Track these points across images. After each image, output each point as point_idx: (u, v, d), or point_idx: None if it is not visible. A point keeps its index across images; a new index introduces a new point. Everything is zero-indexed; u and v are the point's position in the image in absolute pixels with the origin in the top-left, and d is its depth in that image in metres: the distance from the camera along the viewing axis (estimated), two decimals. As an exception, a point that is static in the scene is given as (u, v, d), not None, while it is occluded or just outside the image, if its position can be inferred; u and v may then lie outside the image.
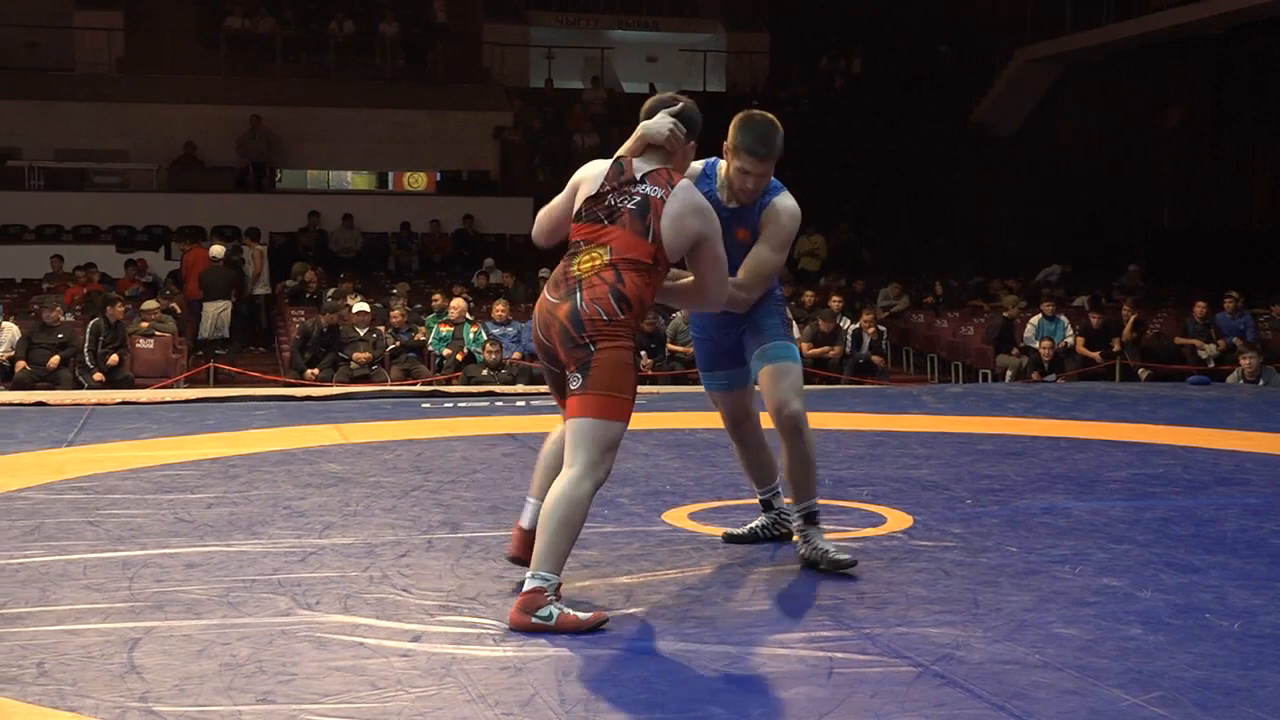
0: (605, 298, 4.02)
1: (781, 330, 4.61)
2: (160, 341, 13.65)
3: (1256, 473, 6.72)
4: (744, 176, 4.38)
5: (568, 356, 4.05)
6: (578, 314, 4.02)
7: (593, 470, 3.98)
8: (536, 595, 3.85)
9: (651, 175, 4.16)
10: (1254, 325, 15.18)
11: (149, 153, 21.27)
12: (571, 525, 3.94)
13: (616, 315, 4.02)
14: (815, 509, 4.64)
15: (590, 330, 4.01)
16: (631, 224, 4.08)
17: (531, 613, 3.83)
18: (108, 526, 5.24)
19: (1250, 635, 3.79)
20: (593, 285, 4.05)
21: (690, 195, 4.15)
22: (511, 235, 21.06)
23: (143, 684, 3.34)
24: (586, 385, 4.00)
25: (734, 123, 4.39)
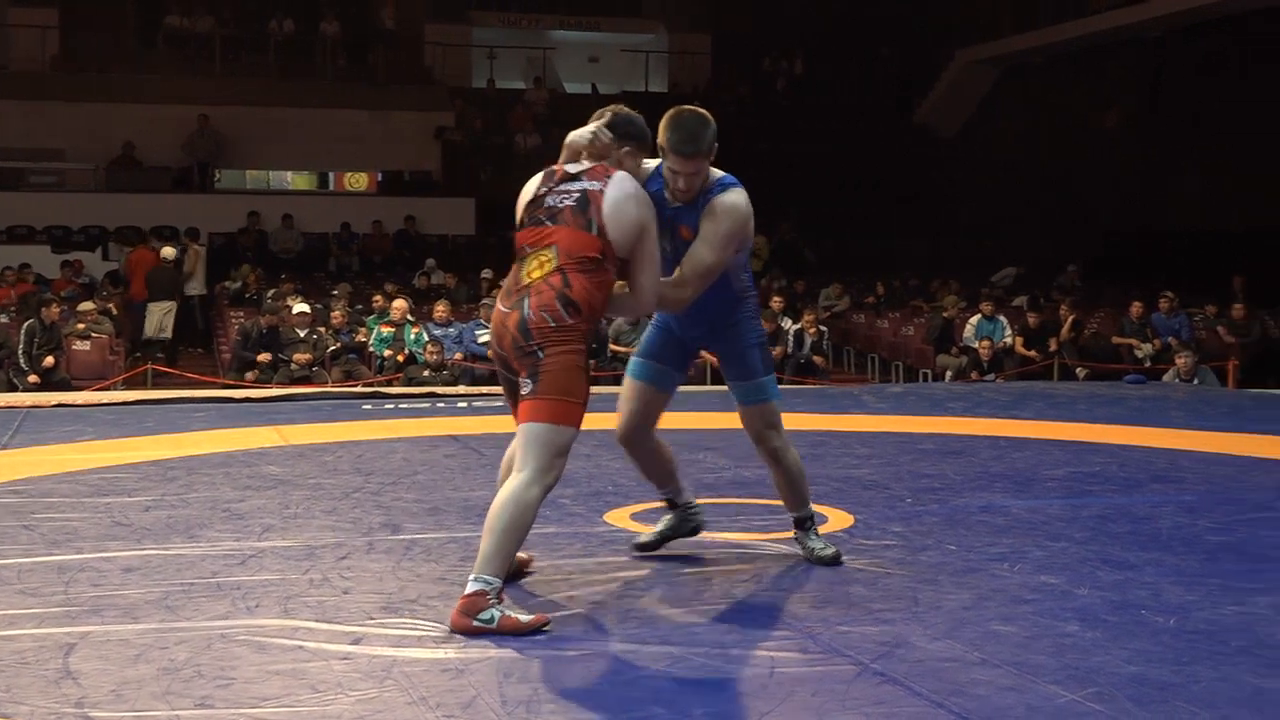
0: (552, 303, 4.00)
1: (761, 364, 4.58)
2: (97, 343, 13.50)
3: (1191, 470, 6.80)
4: (674, 176, 4.30)
5: (519, 364, 4.04)
6: (525, 322, 4.01)
7: (542, 475, 3.97)
8: (478, 598, 3.84)
9: (588, 172, 4.15)
10: (1189, 325, 15.38)
11: (86, 152, 21.03)
12: (518, 529, 3.93)
13: (564, 320, 3.99)
14: (807, 515, 4.75)
15: (538, 337, 3.99)
16: (574, 220, 4.06)
17: (473, 615, 3.81)
18: (43, 530, 5.17)
19: (1185, 631, 3.84)
20: (540, 292, 4.02)
21: (627, 183, 4.13)
22: (453, 236, 20.99)
23: (79, 689, 3.30)
24: (536, 390, 3.99)
25: (664, 120, 4.31)
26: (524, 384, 4.02)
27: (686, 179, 4.29)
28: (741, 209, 4.38)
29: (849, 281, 19.32)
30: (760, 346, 4.61)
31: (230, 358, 13.88)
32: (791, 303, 16.37)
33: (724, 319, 4.56)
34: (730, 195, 4.37)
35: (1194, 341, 14.58)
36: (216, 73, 22.69)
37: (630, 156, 4.27)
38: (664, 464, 4.76)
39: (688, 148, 4.25)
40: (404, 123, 22.61)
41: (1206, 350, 14.60)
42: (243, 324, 13.99)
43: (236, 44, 23.53)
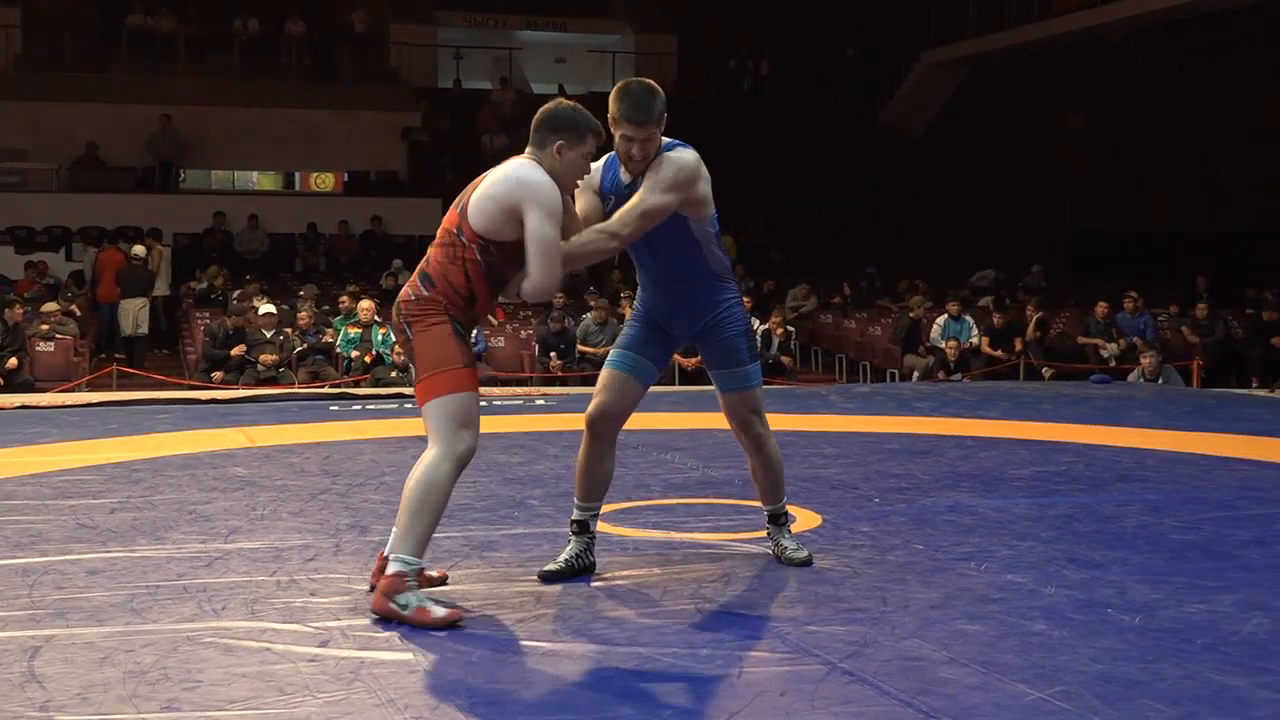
0: (414, 280, 4.10)
1: (747, 352, 4.58)
2: (61, 344, 13.41)
3: (1156, 470, 6.84)
4: (627, 143, 4.27)
5: (404, 351, 4.11)
6: (398, 303, 4.11)
7: (451, 449, 3.97)
8: (397, 580, 3.88)
9: (505, 162, 4.16)
10: (1153, 325, 15.48)
11: (48, 152, 20.87)
12: (431, 507, 3.94)
13: (421, 293, 4.04)
14: (780, 511, 4.76)
15: (405, 313, 4.06)
16: (454, 207, 4.15)
17: (390, 597, 3.86)
18: (7, 533, 5.14)
19: (1150, 629, 3.86)
20: (414, 274, 4.15)
21: (510, 167, 4.09)
22: (420, 236, 20.91)
23: (44, 693, 3.28)
24: (418, 372, 4.02)
25: (612, 94, 4.30)
26: (411, 370, 4.08)
27: (640, 146, 4.27)
28: (688, 160, 4.33)
29: (816, 282, 19.36)
30: (746, 334, 4.60)
31: (197, 358, 13.82)
32: (759, 303, 16.39)
33: (706, 303, 4.52)
34: (677, 151, 4.35)
35: (1158, 341, 14.68)
36: (180, 72, 22.55)
37: (567, 148, 4.13)
38: (604, 476, 4.56)
39: (639, 115, 4.24)
40: (370, 123, 22.53)
41: (1171, 350, 14.71)
42: (209, 325, 13.93)
43: (201, 43, 23.40)
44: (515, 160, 4.13)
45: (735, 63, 26.47)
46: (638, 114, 4.24)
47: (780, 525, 4.77)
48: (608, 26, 27.03)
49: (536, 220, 3.97)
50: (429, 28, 25.28)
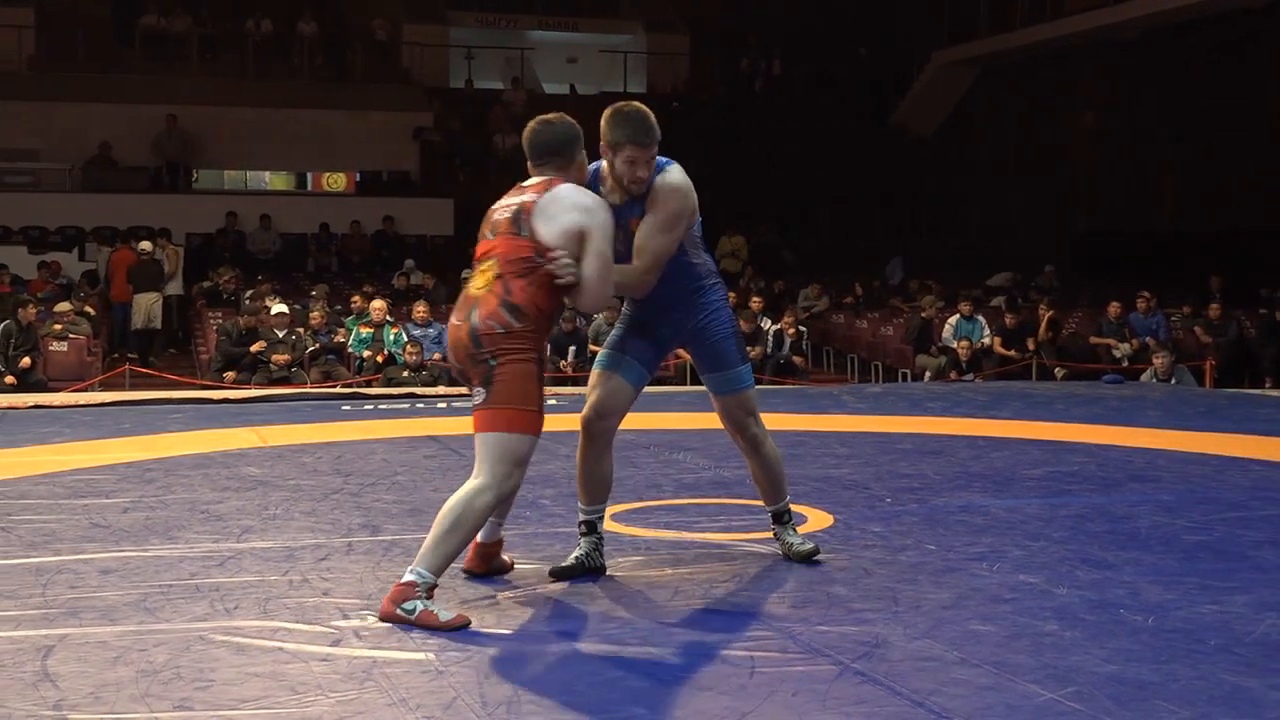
0: (496, 311, 4.06)
1: (736, 355, 4.61)
2: (74, 344, 13.45)
3: (1169, 470, 6.83)
4: (633, 167, 4.30)
5: (472, 372, 4.09)
6: (475, 331, 4.06)
7: (499, 484, 4.03)
8: (408, 589, 3.92)
9: (532, 186, 4.22)
10: (1166, 325, 15.46)
11: (61, 152, 20.92)
12: (463, 533, 4.00)
13: (512, 326, 4.05)
14: (783, 510, 4.77)
15: (489, 345, 4.04)
16: (508, 230, 4.14)
17: (398, 604, 3.89)
18: (20, 532, 5.15)
19: (1163, 630, 3.85)
20: (486, 302, 4.09)
21: (565, 192, 4.17)
22: (431, 236, 20.96)
23: (57, 692, 3.29)
24: (490, 399, 4.04)
25: (607, 119, 4.33)
26: (476, 393, 4.07)
27: (645, 166, 4.32)
28: (683, 187, 4.40)
29: (828, 282, 19.35)
30: (733, 336, 4.63)
31: (210, 358, 13.85)
32: (770, 303, 16.38)
33: (692, 307, 4.55)
34: (670, 176, 4.39)
35: (1171, 341, 14.66)
36: (193, 72, 22.61)
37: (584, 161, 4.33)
38: (603, 477, 4.58)
39: (645, 138, 4.30)
40: (382, 123, 22.55)
41: (1183, 350, 14.68)
42: (223, 324, 13.96)
43: (214, 44, 23.45)
44: (567, 187, 4.19)
45: (747, 62, 26.46)
46: (644, 137, 4.30)
47: (784, 523, 4.77)
48: (619, 26, 27.03)
49: (599, 241, 4.13)
50: (440, 28, 25.31)
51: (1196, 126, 20.73)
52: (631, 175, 4.32)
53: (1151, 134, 21.62)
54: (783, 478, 4.75)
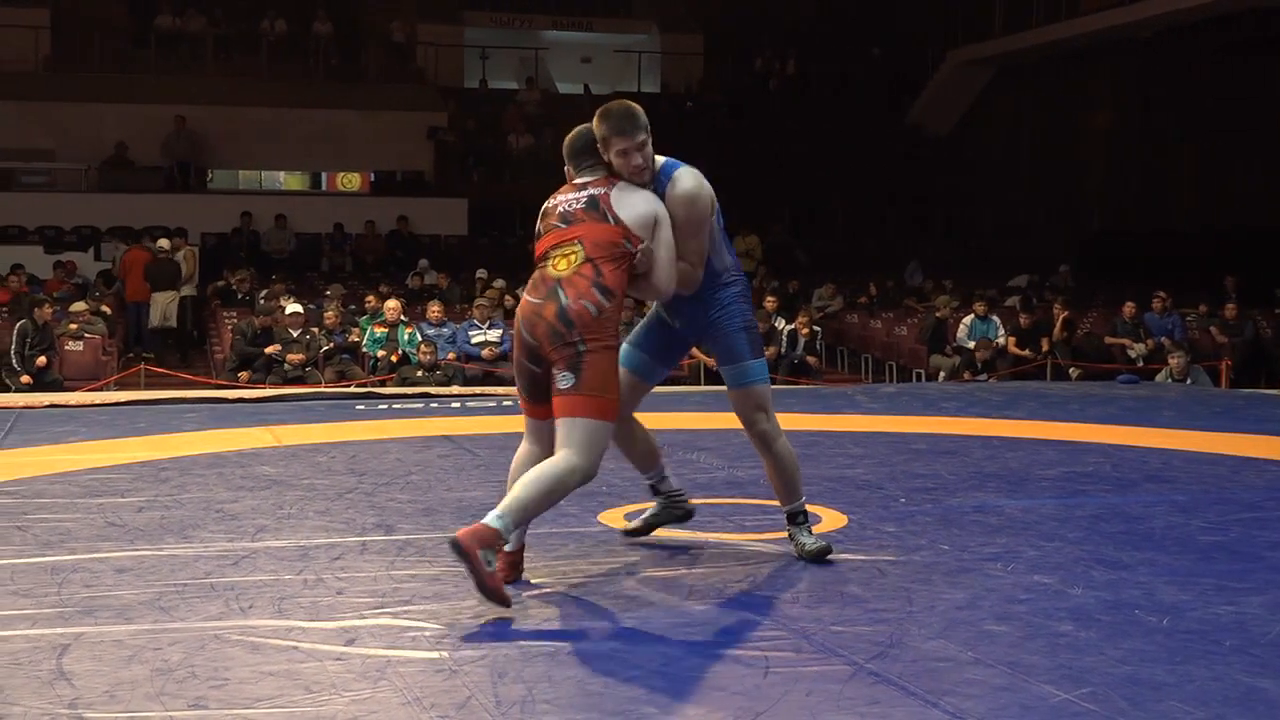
0: (590, 292, 4.18)
1: (748, 347, 4.64)
2: (90, 343, 13.49)
3: (1184, 470, 6.81)
4: (628, 157, 4.38)
5: (556, 355, 4.16)
6: (565, 312, 4.16)
7: (590, 466, 4.14)
8: (495, 536, 3.93)
9: (593, 182, 4.38)
10: (1182, 325, 15.42)
11: (77, 153, 21.00)
12: (548, 500, 4.10)
13: (604, 307, 4.18)
14: (798, 510, 4.76)
15: (580, 327, 4.14)
16: (589, 216, 4.28)
17: (482, 548, 3.89)
18: (36, 531, 5.17)
19: (1178, 631, 3.84)
20: (574, 283, 4.19)
21: (629, 185, 4.36)
22: (446, 236, 20.98)
23: (72, 690, 3.30)
24: (579, 385, 4.13)
25: (595, 122, 4.42)
26: (562, 377, 4.14)
27: (642, 155, 4.40)
28: (692, 194, 4.47)
29: (842, 282, 19.34)
30: (747, 330, 4.67)
31: (225, 357, 13.88)
32: (785, 303, 16.37)
33: (708, 303, 4.61)
34: (679, 187, 4.47)
35: (1186, 341, 14.61)
36: (208, 73, 22.67)
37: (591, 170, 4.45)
38: (644, 447, 4.84)
39: (631, 126, 4.37)
40: (396, 123, 22.60)
41: (1199, 350, 14.64)
42: (237, 324, 13.99)
43: (228, 44, 23.51)
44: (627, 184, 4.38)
45: (761, 62, 26.45)
46: (627, 126, 4.38)
47: (799, 524, 4.76)
48: (633, 26, 27.05)
49: (668, 231, 4.36)
50: (455, 28, 25.35)
51: (1212, 125, 20.67)
52: (628, 167, 4.39)
53: (1167, 133, 21.58)
54: (797, 477, 4.75)
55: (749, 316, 4.71)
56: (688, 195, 4.46)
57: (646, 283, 4.37)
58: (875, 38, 26.56)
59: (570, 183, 4.46)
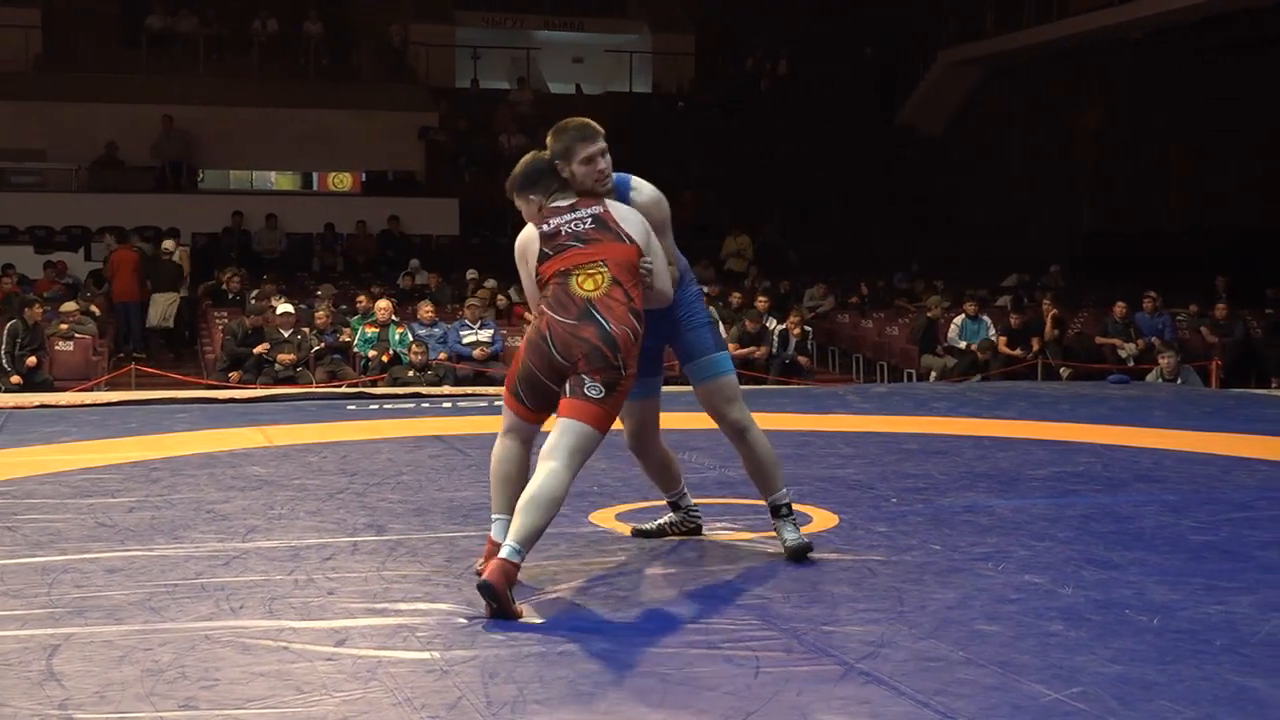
0: (628, 318, 4.27)
1: (711, 342, 4.71)
2: (80, 344, 13.46)
3: (1175, 470, 6.82)
4: (594, 163, 4.42)
5: (594, 372, 4.22)
6: (611, 338, 4.23)
7: (575, 472, 4.25)
8: (516, 570, 4.03)
9: (579, 202, 4.42)
10: (1172, 325, 15.43)
11: (68, 152, 20.96)
12: (551, 517, 4.19)
13: (639, 331, 4.30)
14: (781, 502, 4.76)
15: (624, 351, 4.24)
16: (605, 236, 4.32)
17: (510, 585, 3.97)
18: (26, 532, 5.16)
19: (1169, 630, 3.85)
20: (610, 308, 4.25)
21: (616, 203, 4.44)
22: (437, 236, 20.96)
23: (62, 691, 3.29)
24: (606, 399, 4.24)
25: (552, 136, 4.47)
26: (593, 386, 4.23)
27: (604, 161, 4.45)
28: (656, 196, 4.58)
29: (833, 282, 19.35)
30: (708, 326, 4.74)
31: (216, 357, 13.86)
32: (776, 303, 16.38)
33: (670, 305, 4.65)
34: (646, 188, 4.59)
35: (1177, 341, 14.63)
36: (200, 73, 22.64)
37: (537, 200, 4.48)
38: (667, 470, 4.99)
39: (591, 131, 4.45)
40: (388, 123, 22.58)
41: (1189, 350, 14.66)
42: (229, 324, 13.98)
43: (220, 44, 23.48)
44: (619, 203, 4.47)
45: (753, 62, 26.45)
46: (590, 131, 4.45)
47: (783, 517, 4.76)
48: (625, 26, 27.05)
49: (656, 240, 4.48)
50: (447, 27, 25.33)
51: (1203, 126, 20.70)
52: (594, 173, 4.43)
53: (1158, 133, 21.60)
54: (775, 468, 4.76)
55: (707, 315, 4.80)
56: (654, 197, 4.57)
57: (651, 293, 4.43)
58: (866, 38, 26.57)
59: (547, 208, 4.42)
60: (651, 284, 4.41)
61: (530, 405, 4.38)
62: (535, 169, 4.47)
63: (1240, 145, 20.05)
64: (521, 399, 4.38)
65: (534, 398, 4.36)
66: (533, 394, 4.35)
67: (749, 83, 26.30)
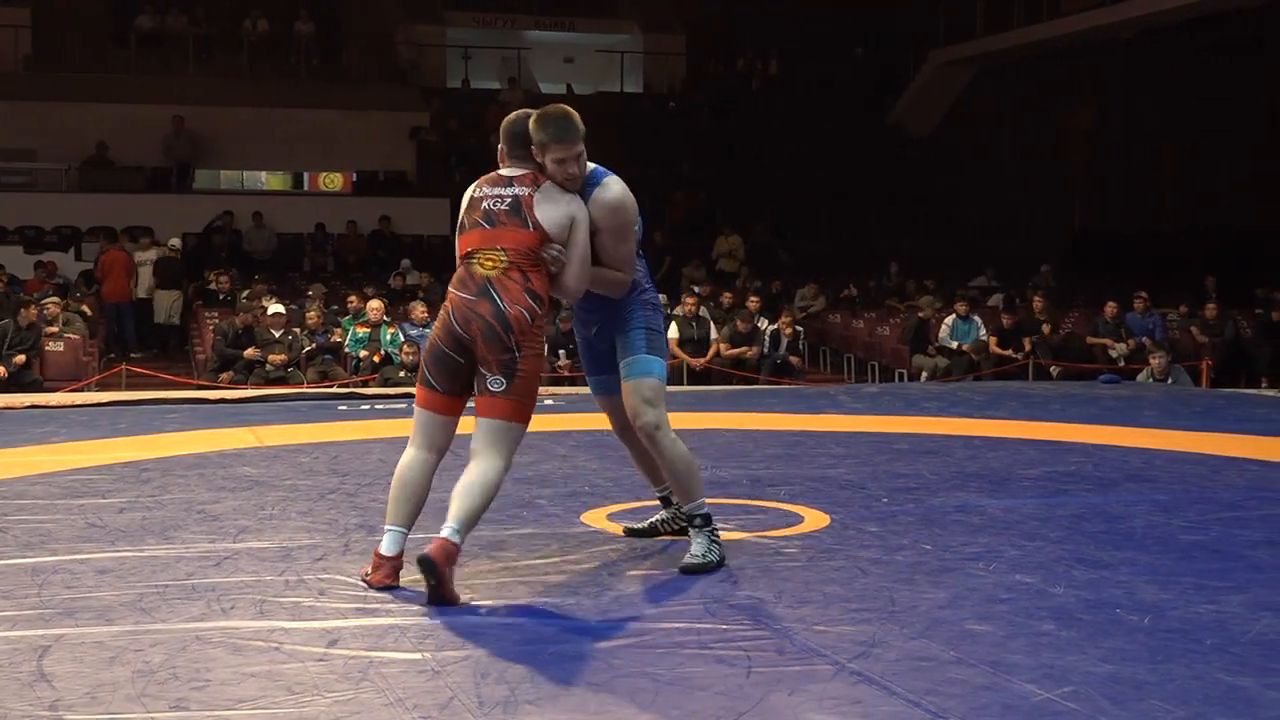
0: (524, 299, 4.30)
1: (644, 343, 4.66)
2: (70, 344, 13.43)
3: (1165, 470, 6.83)
4: (562, 165, 4.43)
5: (491, 357, 4.27)
6: (505, 316, 4.27)
7: (508, 466, 4.34)
8: (457, 550, 4.14)
9: (518, 178, 4.44)
10: (1163, 325, 15.46)
11: (58, 152, 20.91)
12: (488, 503, 4.29)
13: (536, 313, 4.31)
14: (695, 512, 4.67)
15: (518, 333, 4.26)
16: (511, 221, 4.36)
17: (453, 563, 4.11)
18: (16, 533, 5.15)
19: (1159, 630, 3.85)
20: (506, 287, 4.30)
21: (553, 185, 4.44)
22: (428, 236, 20.94)
23: (53, 692, 3.29)
24: (510, 390, 4.28)
25: (532, 123, 4.45)
26: (493, 381, 4.27)
27: (577, 164, 4.46)
28: (616, 201, 4.55)
29: (824, 282, 19.36)
30: (647, 330, 4.68)
31: (206, 358, 13.84)
32: (767, 303, 16.39)
33: (621, 306, 4.68)
34: (605, 194, 4.54)
35: (1168, 341, 14.66)
36: (190, 72, 22.60)
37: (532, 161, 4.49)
38: (653, 468, 4.94)
39: (570, 134, 4.43)
40: (378, 123, 22.56)
41: (1180, 350, 14.68)
42: (219, 324, 13.96)
43: (210, 43, 23.45)
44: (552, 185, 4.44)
45: (744, 62, 26.47)
46: (566, 134, 4.43)
47: (698, 528, 4.66)
48: (616, 26, 27.05)
49: (583, 231, 4.45)
50: (438, 28, 25.32)
51: (1193, 126, 20.74)
52: (563, 174, 4.45)
53: (1150, 133, 21.64)
54: (690, 477, 4.67)
55: (656, 321, 4.74)
56: (612, 202, 4.52)
57: (557, 282, 4.43)
58: (857, 38, 26.60)
59: (501, 165, 4.51)
60: (558, 272, 4.39)
61: (441, 387, 4.40)
62: (516, 128, 4.50)
63: (1231, 145, 20.09)
64: (431, 382, 4.42)
65: (442, 378, 4.39)
66: (440, 372, 4.39)
67: (740, 83, 26.32)
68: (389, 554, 4.33)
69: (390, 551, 4.33)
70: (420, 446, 4.46)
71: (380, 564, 4.32)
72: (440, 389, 4.40)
